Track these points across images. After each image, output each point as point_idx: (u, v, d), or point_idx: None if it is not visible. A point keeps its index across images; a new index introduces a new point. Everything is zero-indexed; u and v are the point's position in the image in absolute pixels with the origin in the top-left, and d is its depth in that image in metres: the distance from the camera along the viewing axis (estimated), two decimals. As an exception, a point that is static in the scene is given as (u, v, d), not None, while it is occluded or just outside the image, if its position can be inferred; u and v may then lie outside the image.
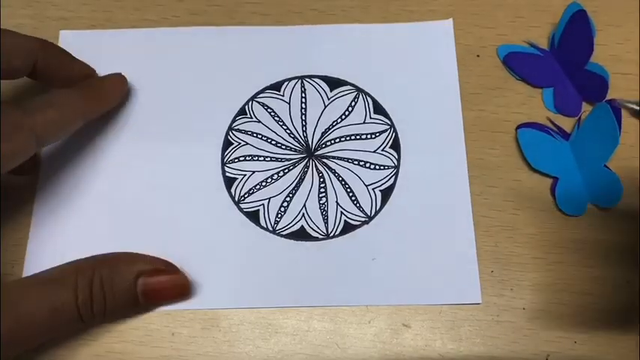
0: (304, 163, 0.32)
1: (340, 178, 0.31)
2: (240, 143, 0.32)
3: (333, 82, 0.33)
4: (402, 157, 0.32)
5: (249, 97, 0.33)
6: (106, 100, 0.31)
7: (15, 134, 0.25)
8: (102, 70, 0.33)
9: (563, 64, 0.33)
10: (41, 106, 0.26)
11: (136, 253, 0.28)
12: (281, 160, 0.32)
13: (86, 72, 0.32)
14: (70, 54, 0.31)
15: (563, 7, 0.33)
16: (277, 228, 0.30)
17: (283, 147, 0.32)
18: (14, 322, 0.24)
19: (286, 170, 0.31)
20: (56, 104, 0.27)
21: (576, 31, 0.32)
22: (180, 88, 0.33)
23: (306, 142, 0.32)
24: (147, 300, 0.28)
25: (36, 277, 0.26)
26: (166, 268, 0.28)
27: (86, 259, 0.27)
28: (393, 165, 0.31)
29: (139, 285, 0.27)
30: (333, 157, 0.32)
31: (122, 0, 0.35)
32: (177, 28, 0.34)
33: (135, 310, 0.29)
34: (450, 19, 0.34)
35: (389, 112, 0.33)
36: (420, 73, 0.33)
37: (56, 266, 0.27)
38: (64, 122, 0.27)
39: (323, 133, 0.32)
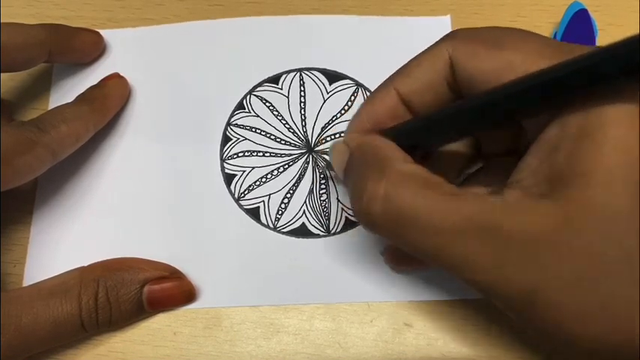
0: (304, 158, 0.31)
1: (341, 174, 0.31)
2: (239, 139, 0.32)
3: (332, 76, 0.33)
4: None
5: (247, 90, 0.33)
6: (112, 107, 0.31)
7: (32, 150, 0.26)
8: (103, 69, 0.33)
9: (565, 62, 0.33)
10: (55, 123, 0.27)
11: (140, 259, 0.29)
12: (281, 155, 0.31)
13: (93, 39, 0.33)
14: (75, 28, 0.32)
15: (564, 7, 0.32)
16: (278, 225, 0.30)
17: (283, 142, 0.32)
18: (15, 334, 0.24)
19: (286, 166, 0.31)
20: (68, 119, 0.28)
21: (578, 31, 0.32)
22: (176, 84, 0.33)
23: (306, 137, 0.32)
24: (152, 307, 0.28)
25: (38, 287, 0.26)
26: (171, 274, 0.28)
27: (89, 267, 0.27)
28: None
29: (145, 293, 0.27)
30: (334, 153, 0.32)
31: (123, -1, 0.35)
32: (174, 24, 0.34)
33: (140, 317, 0.29)
34: (448, 16, 0.34)
35: None
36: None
37: (59, 275, 0.27)
38: (76, 136, 0.28)
39: (323, 128, 0.32)
